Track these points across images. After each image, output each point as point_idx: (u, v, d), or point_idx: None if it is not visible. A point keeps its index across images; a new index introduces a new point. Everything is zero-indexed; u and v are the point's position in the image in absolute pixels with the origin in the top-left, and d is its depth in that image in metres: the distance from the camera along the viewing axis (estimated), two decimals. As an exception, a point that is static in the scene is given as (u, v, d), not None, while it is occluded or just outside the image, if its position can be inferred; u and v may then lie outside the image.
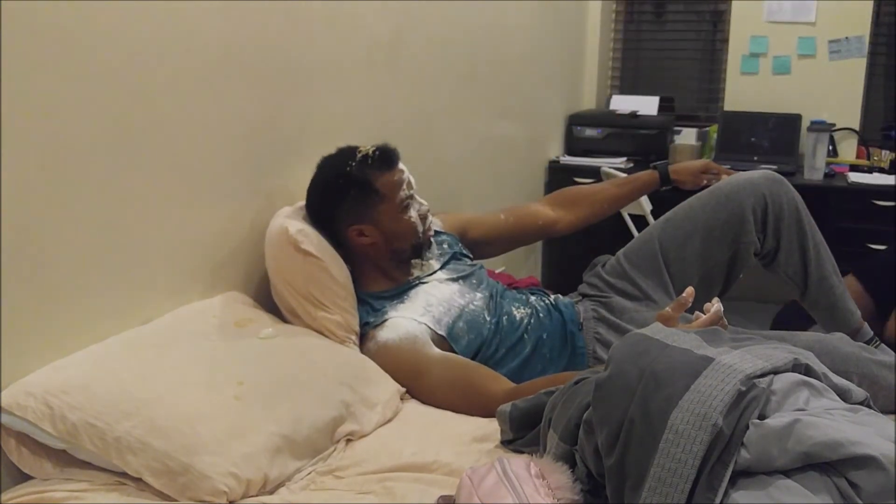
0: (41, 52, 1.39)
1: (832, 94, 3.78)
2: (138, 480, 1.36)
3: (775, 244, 1.95)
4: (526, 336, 1.91)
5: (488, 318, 1.90)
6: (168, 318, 1.67)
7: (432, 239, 1.99)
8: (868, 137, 3.78)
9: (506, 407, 1.53)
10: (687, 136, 3.96)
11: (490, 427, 1.57)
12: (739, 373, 1.11)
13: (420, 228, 1.90)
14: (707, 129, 4.03)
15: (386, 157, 1.87)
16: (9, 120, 1.34)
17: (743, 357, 1.16)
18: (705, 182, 2.20)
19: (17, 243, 1.38)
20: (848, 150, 3.82)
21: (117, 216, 1.57)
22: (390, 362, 1.76)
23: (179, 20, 1.66)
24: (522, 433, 1.51)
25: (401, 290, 1.91)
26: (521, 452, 1.48)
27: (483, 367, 1.77)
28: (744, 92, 3.97)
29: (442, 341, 1.82)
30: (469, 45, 2.91)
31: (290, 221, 1.84)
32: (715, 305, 1.52)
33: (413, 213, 1.89)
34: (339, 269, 1.86)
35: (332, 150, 1.95)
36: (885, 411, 1.21)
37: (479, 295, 1.94)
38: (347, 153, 1.88)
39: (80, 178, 1.49)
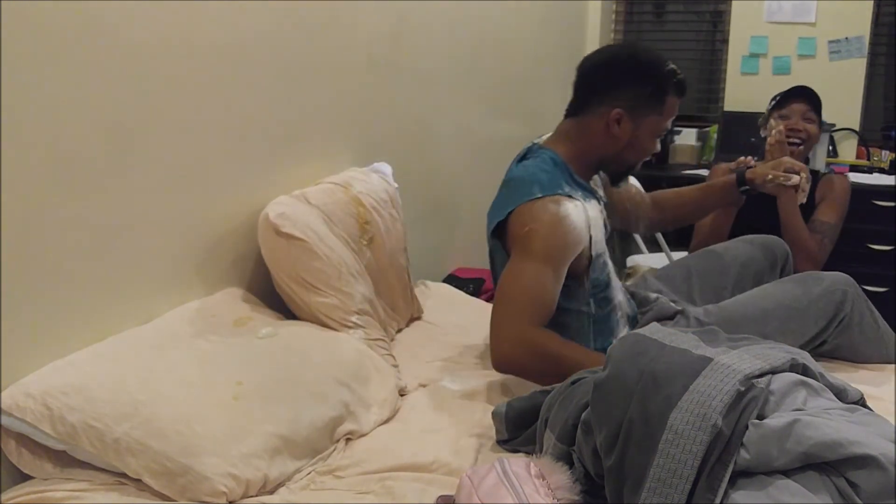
0: (41, 51, 1.39)
1: (832, 95, 3.77)
2: (138, 481, 1.36)
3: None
4: (613, 313, 1.89)
5: (610, 272, 1.89)
6: (167, 317, 1.67)
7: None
8: (868, 137, 3.78)
9: (501, 407, 1.53)
10: (687, 137, 3.96)
11: (489, 427, 1.57)
12: (738, 373, 1.11)
13: (639, 157, 1.93)
14: (707, 129, 4.03)
15: (684, 88, 1.89)
16: (9, 120, 1.34)
17: (741, 357, 1.16)
18: (780, 180, 2.14)
19: (16, 243, 1.38)
20: (848, 150, 3.82)
21: (116, 216, 1.57)
22: (534, 223, 1.70)
23: (178, 19, 1.66)
24: (518, 433, 1.51)
25: (588, 193, 1.88)
26: (519, 452, 1.49)
27: (546, 315, 1.71)
28: (744, 92, 3.97)
29: (584, 262, 1.79)
30: (469, 45, 2.91)
31: (272, 206, 1.83)
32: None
33: (657, 145, 1.93)
34: (327, 248, 1.85)
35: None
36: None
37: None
38: (662, 57, 1.87)
39: (79, 177, 1.49)
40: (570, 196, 1.77)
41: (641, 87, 1.83)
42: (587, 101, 1.86)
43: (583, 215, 1.76)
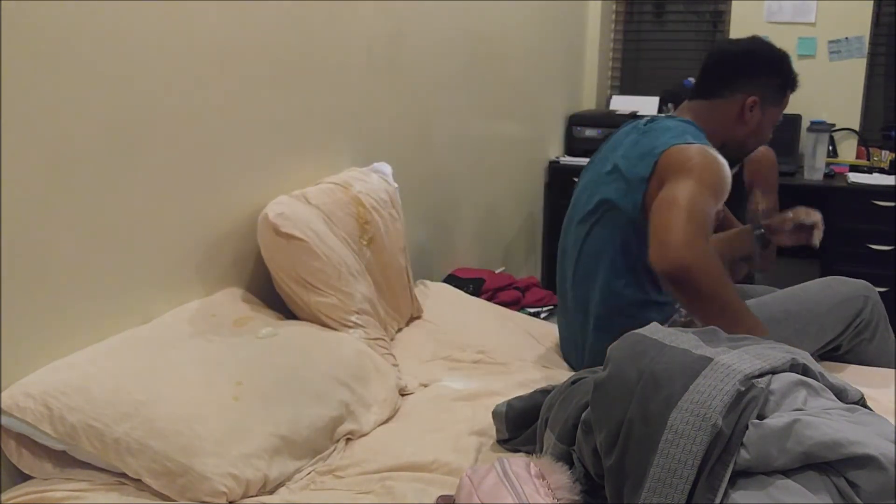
0: (41, 51, 1.39)
1: (832, 95, 3.78)
2: (138, 481, 1.36)
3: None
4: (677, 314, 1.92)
5: None
6: (167, 317, 1.67)
7: None
8: (868, 137, 3.78)
9: (501, 407, 1.53)
10: (687, 137, 3.95)
11: (489, 426, 1.57)
12: (738, 373, 1.11)
13: (757, 145, 2.02)
14: (707, 129, 4.02)
15: (796, 85, 2.00)
16: (9, 121, 1.34)
17: (741, 357, 1.16)
18: (802, 217, 2.09)
19: (16, 244, 1.39)
20: (848, 150, 3.82)
21: (116, 216, 1.57)
22: (697, 159, 1.71)
23: (178, 19, 1.66)
24: (518, 433, 1.51)
25: None
26: (519, 452, 1.49)
27: (709, 232, 1.68)
28: (744, 92, 3.96)
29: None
30: (469, 45, 2.91)
31: (272, 206, 1.83)
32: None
33: (770, 134, 2.02)
34: (327, 248, 1.85)
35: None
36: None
37: None
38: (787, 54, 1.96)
39: (79, 178, 1.49)
40: None
41: (773, 78, 1.93)
42: (723, 85, 1.93)
43: (726, 172, 1.78)
